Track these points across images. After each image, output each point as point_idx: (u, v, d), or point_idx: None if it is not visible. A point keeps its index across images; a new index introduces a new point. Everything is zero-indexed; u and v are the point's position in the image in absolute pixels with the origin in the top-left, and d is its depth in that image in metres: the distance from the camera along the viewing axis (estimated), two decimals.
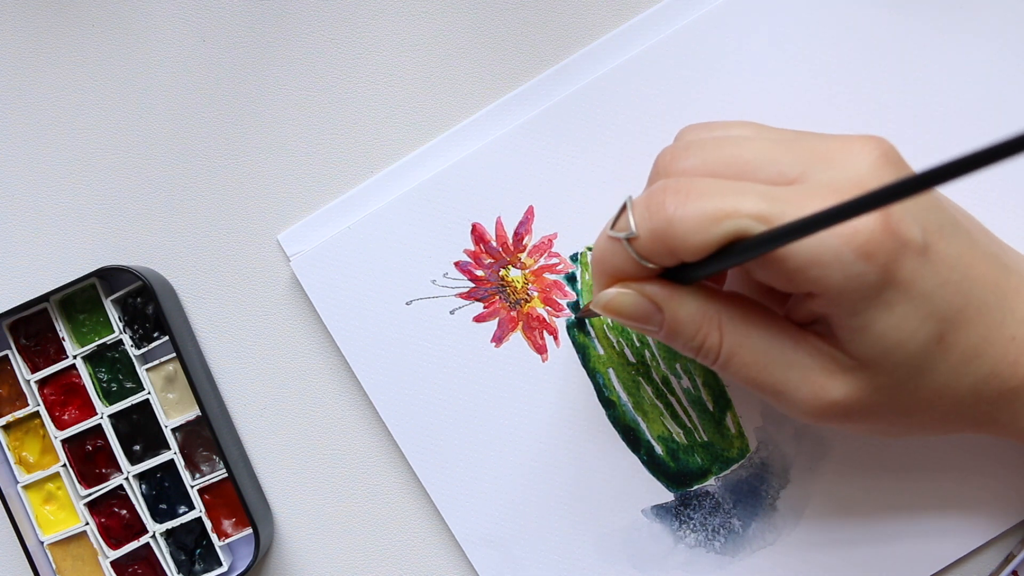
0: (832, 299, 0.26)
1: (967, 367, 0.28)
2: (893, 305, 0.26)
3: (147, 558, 0.37)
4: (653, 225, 0.27)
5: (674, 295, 0.28)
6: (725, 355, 0.28)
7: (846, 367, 0.27)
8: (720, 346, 0.28)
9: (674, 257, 0.27)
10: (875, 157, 0.27)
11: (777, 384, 0.28)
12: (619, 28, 0.36)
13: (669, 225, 0.26)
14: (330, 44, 0.38)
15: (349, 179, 0.38)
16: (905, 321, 0.26)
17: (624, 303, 0.29)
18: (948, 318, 0.27)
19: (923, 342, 0.27)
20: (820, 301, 0.27)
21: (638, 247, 0.27)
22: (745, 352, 0.28)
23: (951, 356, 0.27)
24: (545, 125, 0.36)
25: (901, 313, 0.26)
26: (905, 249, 0.26)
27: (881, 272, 0.26)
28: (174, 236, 0.38)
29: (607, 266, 0.29)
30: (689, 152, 0.29)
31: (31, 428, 0.38)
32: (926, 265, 0.26)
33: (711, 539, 0.36)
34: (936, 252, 0.27)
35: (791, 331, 0.28)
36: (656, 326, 0.29)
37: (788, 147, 0.28)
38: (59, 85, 0.38)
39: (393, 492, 0.38)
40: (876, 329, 0.26)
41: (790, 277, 0.26)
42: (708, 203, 0.26)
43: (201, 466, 0.37)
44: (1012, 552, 0.35)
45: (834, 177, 0.27)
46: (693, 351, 0.29)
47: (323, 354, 0.38)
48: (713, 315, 0.28)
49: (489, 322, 0.37)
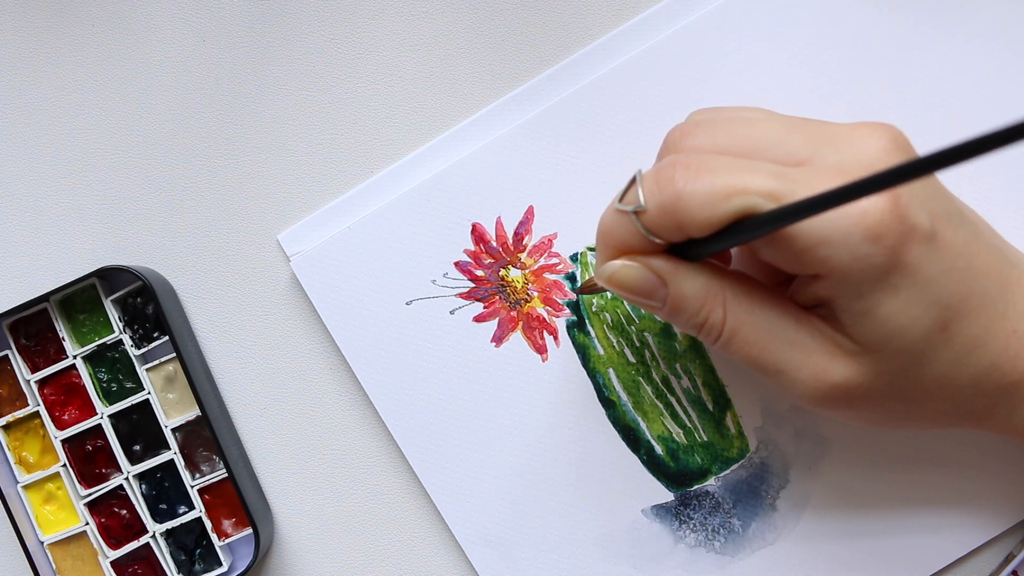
0: (838, 281, 0.26)
1: (968, 358, 0.28)
2: (898, 290, 0.26)
3: (147, 558, 0.37)
4: (662, 199, 0.27)
5: (679, 270, 0.28)
6: (728, 333, 0.28)
7: (848, 351, 0.27)
8: (723, 323, 0.28)
9: (682, 232, 0.27)
10: (885, 142, 0.27)
11: (779, 364, 0.28)
12: (619, 28, 0.36)
13: (678, 199, 0.26)
14: (330, 44, 0.38)
15: (349, 179, 0.38)
16: (909, 306, 0.26)
17: (629, 276, 0.29)
18: (952, 306, 0.27)
19: (926, 329, 0.27)
20: (825, 283, 0.27)
21: (646, 221, 0.27)
22: (748, 330, 0.28)
23: (953, 346, 0.27)
24: (545, 125, 0.36)
25: (906, 298, 0.26)
26: (912, 234, 0.26)
27: (888, 255, 0.26)
28: (174, 236, 0.38)
29: (612, 239, 0.29)
30: (699, 130, 0.29)
31: (31, 428, 0.38)
32: (932, 251, 0.26)
33: (711, 539, 0.36)
34: (943, 239, 0.27)
35: (795, 312, 0.28)
36: (659, 302, 0.29)
37: (798, 130, 0.28)
38: (59, 85, 0.38)
39: (393, 492, 0.38)
40: (880, 313, 0.26)
41: (797, 257, 0.26)
42: (718, 179, 0.26)
43: (201, 466, 0.37)
44: (1012, 552, 0.35)
45: (843, 159, 0.27)
46: (695, 328, 0.29)
47: (323, 354, 0.38)
48: (717, 292, 0.28)
49: (489, 322, 0.37)
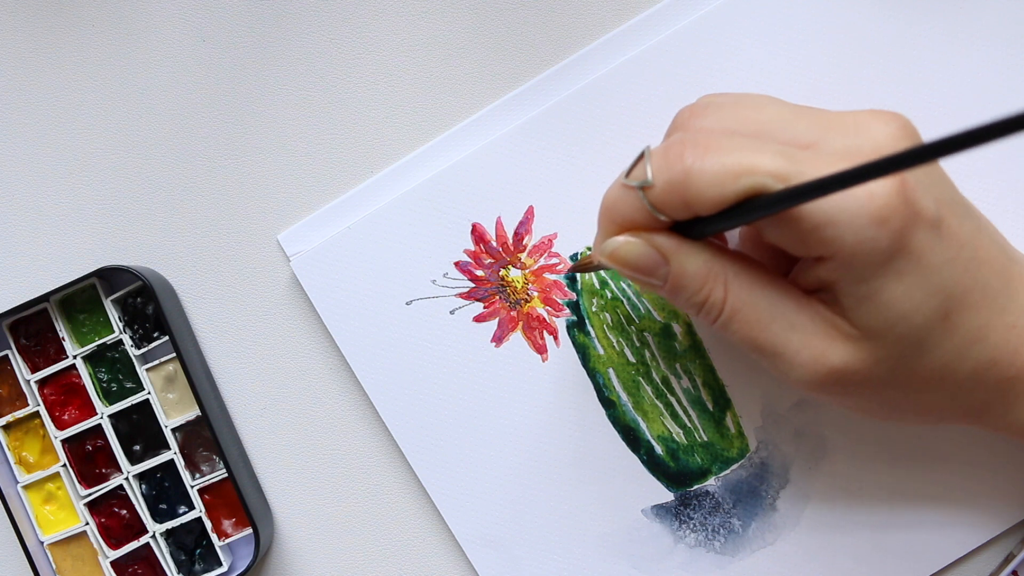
0: (842, 263, 0.26)
1: (969, 350, 0.28)
2: (902, 275, 0.26)
3: (147, 558, 0.37)
4: (670, 175, 0.27)
5: (682, 248, 0.28)
6: (728, 312, 0.28)
7: (848, 335, 0.27)
8: (724, 303, 0.28)
9: (688, 210, 0.27)
10: (894, 128, 0.27)
11: (778, 345, 0.28)
12: (619, 28, 0.36)
13: (687, 176, 0.26)
14: (330, 44, 0.38)
15: (349, 179, 0.38)
16: (913, 292, 0.26)
17: (631, 252, 0.28)
18: (955, 296, 0.27)
19: (928, 317, 0.27)
20: (829, 265, 0.27)
21: (652, 197, 0.27)
22: (748, 310, 0.28)
23: (955, 336, 0.27)
24: (545, 125, 0.36)
25: (909, 284, 0.26)
26: (918, 219, 0.26)
27: (894, 239, 0.26)
28: (174, 236, 0.38)
29: (616, 214, 0.29)
30: (708, 111, 0.29)
31: (31, 428, 0.38)
32: (937, 238, 0.26)
33: (711, 539, 0.36)
34: (948, 227, 0.27)
35: (795, 295, 0.28)
36: (660, 279, 0.29)
37: (804, 115, 0.28)
38: (59, 85, 0.38)
39: (393, 492, 0.38)
40: (883, 298, 0.26)
41: (803, 238, 0.26)
42: (728, 157, 0.26)
43: (201, 466, 0.37)
44: (1012, 552, 0.35)
45: (850, 144, 0.27)
46: (696, 307, 0.29)
47: (323, 354, 0.38)
48: (719, 271, 0.28)
49: (489, 322, 0.37)
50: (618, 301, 0.36)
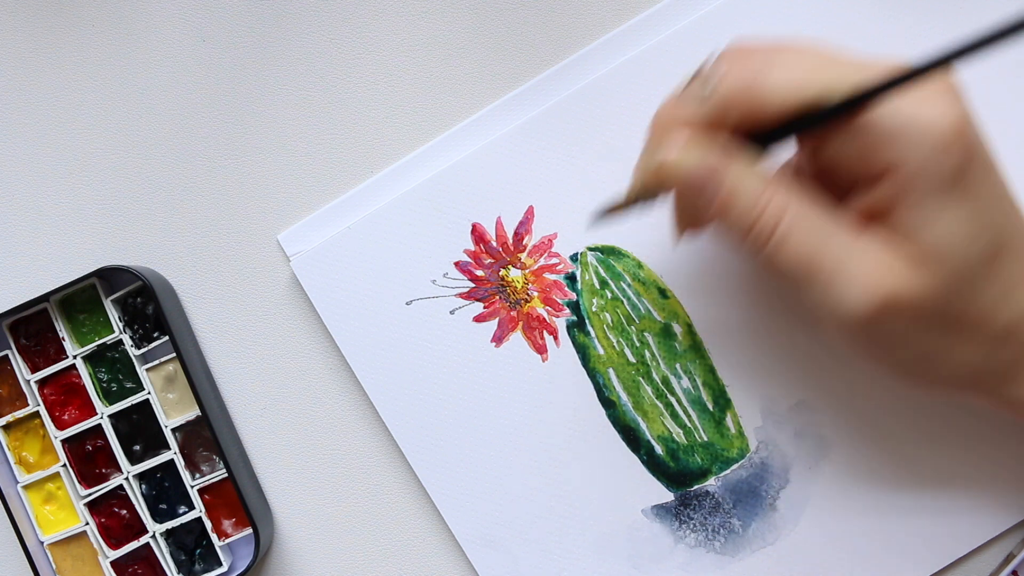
0: (904, 183, 0.26)
1: (1008, 297, 0.28)
2: (961, 202, 0.26)
3: (147, 558, 0.37)
4: (734, 83, 0.26)
5: (739, 161, 0.27)
6: (781, 233, 0.27)
7: (909, 258, 0.27)
8: (778, 222, 0.27)
9: (749, 120, 0.27)
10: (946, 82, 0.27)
11: (837, 263, 0.27)
12: (619, 28, 0.36)
13: (753, 82, 0.26)
14: (330, 44, 0.38)
15: (349, 179, 0.38)
16: (970, 223, 0.26)
17: (684, 162, 0.27)
18: (1003, 236, 0.27)
19: (981, 251, 0.27)
20: (891, 183, 0.26)
21: (711, 108, 0.27)
22: (803, 232, 0.27)
23: (998, 281, 0.27)
24: (545, 125, 0.36)
25: (968, 212, 0.26)
26: (976, 154, 0.26)
27: (959, 162, 0.26)
28: (174, 236, 0.38)
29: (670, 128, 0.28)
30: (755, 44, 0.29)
31: (31, 428, 0.38)
32: (990, 176, 0.27)
33: (711, 539, 0.36)
34: (997, 173, 0.27)
35: (851, 220, 0.28)
36: (711, 194, 0.28)
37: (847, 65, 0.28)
38: (59, 85, 0.38)
39: (393, 492, 0.38)
40: (941, 224, 0.26)
41: (870, 150, 0.26)
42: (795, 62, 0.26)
43: (201, 466, 0.37)
44: (1012, 552, 0.35)
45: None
46: (745, 228, 0.28)
47: (323, 354, 0.38)
48: (776, 187, 0.27)
49: (489, 322, 0.37)
50: (618, 301, 0.36)
